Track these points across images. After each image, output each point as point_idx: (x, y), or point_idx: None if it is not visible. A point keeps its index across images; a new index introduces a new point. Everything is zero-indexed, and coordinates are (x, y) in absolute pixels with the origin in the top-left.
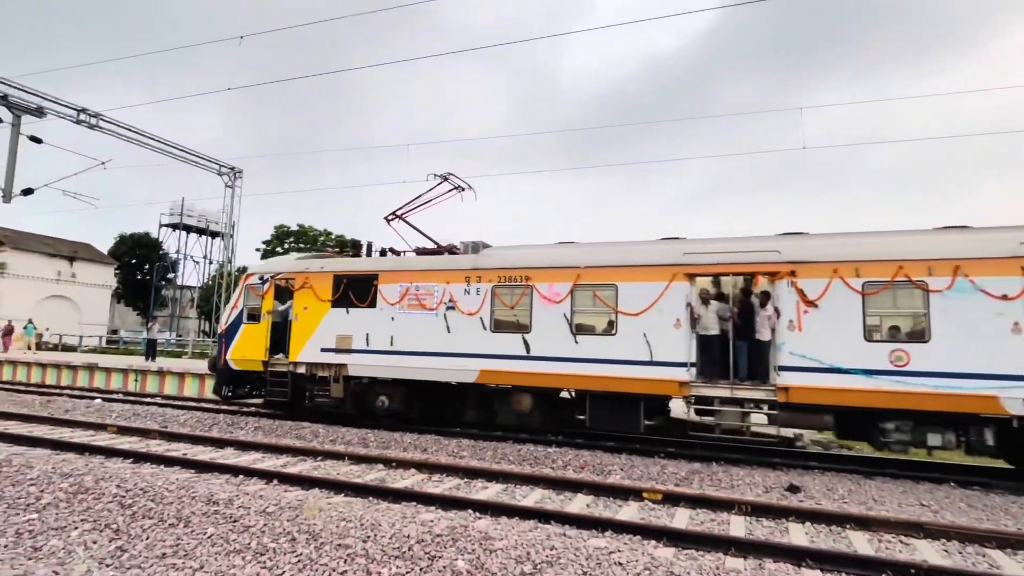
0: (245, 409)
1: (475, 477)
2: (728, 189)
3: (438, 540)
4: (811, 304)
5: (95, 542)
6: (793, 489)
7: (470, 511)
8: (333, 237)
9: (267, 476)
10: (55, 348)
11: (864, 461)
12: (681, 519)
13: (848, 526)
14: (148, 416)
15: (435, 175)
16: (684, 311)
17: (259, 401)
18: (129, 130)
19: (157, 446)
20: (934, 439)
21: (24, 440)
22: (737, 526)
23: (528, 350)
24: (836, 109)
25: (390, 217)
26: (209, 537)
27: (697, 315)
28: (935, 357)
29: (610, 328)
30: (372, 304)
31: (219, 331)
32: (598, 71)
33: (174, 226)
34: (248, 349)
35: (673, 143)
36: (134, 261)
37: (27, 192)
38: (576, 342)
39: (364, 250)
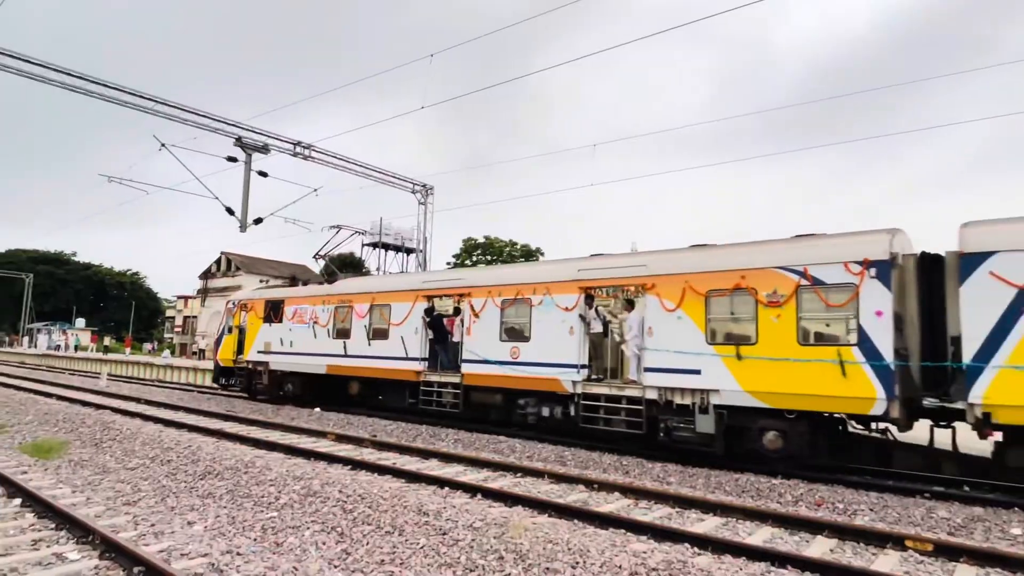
0: (234, 394)
1: (688, 507)
2: (1017, 155)
3: (654, 575)
4: (476, 316)
5: (324, 543)
6: None
7: (687, 545)
8: (519, 247)
9: (471, 490)
10: None
11: None
12: None
13: None
14: (360, 425)
15: (330, 227)
16: (420, 322)
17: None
18: (335, 158)
19: (370, 454)
20: (546, 411)
21: (263, 444)
22: None
23: (346, 350)
24: None
25: (316, 257)
26: (422, 548)
27: (433, 328)
28: (532, 351)
29: (386, 335)
30: (281, 320)
31: (214, 339)
32: (820, 33)
33: (374, 245)
34: (227, 352)
35: (929, 107)
36: None
37: (257, 221)
38: (369, 344)
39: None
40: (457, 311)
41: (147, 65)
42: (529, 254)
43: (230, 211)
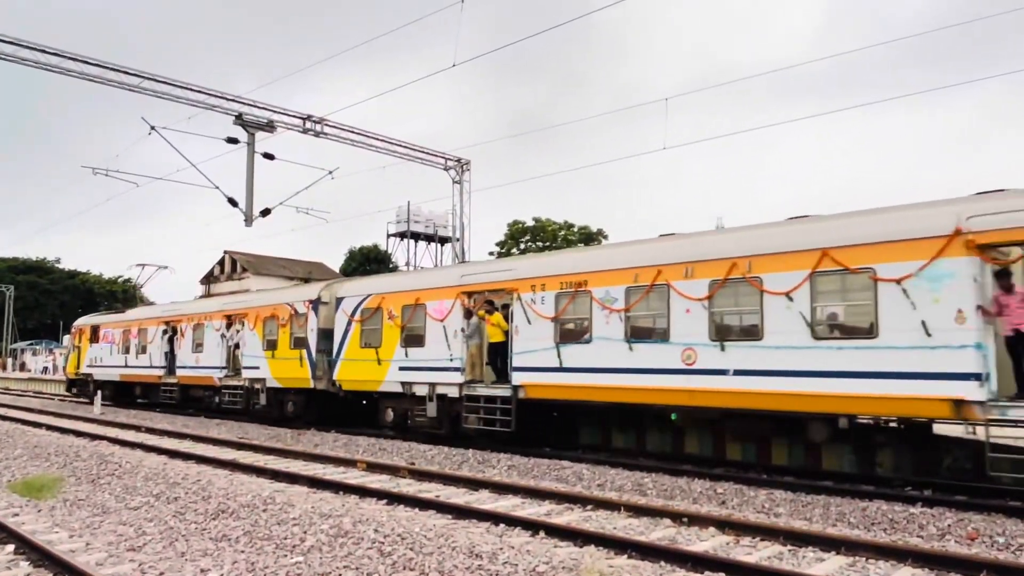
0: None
1: (803, 543)
2: None
3: None
4: (182, 335)
5: None
6: None
7: None
8: (576, 231)
9: (531, 527)
10: None
11: None
12: None
13: None
14: (394, 451)
15: (136, 264)
16: (161, 339)
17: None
18: (352, 132)
19: (408, 486)
20: (217, 399)
21: (283, 476)
22: None
23: (127, 362)
24: None
25: (135, 288)
26: None
27: (168, 344)
28: (204, 359)
29: (145, 350)
30: (98, 341)
31: (64, 356)
32: None
33: (401, 235)
34: (72, 366)
35: None
36: None
37: (265, 213)
38: (137, 357)
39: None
40: (175, 331)
41: (130, 38)
42: (589, 237)
43: (233, 202)
